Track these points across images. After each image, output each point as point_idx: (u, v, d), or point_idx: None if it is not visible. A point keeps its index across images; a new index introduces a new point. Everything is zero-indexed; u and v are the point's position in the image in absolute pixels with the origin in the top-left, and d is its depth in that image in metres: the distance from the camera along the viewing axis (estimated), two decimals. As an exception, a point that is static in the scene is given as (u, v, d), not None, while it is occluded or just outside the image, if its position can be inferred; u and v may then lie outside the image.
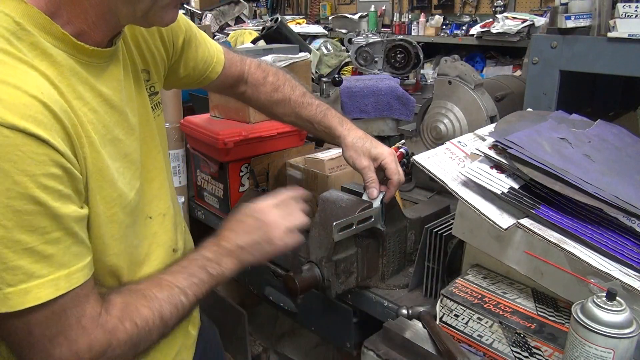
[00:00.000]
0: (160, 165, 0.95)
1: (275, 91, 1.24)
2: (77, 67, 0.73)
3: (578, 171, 0.85)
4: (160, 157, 0.96)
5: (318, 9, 6.51)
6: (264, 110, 1.30)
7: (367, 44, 2.36)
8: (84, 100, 0.74)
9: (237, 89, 1.25)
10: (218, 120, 1.72)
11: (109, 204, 0.78)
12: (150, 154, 0.93)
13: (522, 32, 4.05)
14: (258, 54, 1.66)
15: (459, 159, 0.98)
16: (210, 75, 1.15)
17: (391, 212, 1.11)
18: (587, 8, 1.29)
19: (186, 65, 1.07)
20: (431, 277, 1.06)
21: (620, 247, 0.77)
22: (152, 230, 0.92)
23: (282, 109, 1.25)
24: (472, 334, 0.85)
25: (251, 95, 1.26)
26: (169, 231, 0.97)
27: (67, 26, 0.71)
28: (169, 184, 1.00)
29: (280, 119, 1.31)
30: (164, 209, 0.95)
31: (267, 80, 1.24)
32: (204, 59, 1.12)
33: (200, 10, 5.14)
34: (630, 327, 0.65)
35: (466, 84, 1.42)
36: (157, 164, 0.94)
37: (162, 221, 0.95)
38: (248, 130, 1.57)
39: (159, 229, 0.94)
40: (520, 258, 0.86)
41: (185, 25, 1.04)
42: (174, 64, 1.05)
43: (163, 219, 0.95)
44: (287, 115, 1.26)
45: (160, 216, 0.94)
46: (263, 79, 1.24)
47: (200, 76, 1.13)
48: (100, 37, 0.76)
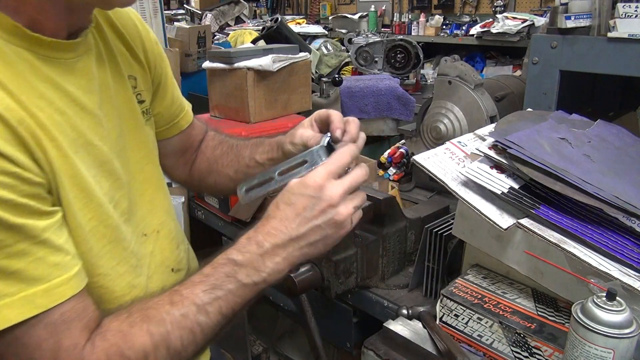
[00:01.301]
0: (150, 176, 0.87)
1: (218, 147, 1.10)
2: (36, 63, 0.66)
3: (578, 171, 0.85)
4: (150, 168, 0.88)
5: (318, 9, 6.51)
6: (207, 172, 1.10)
7: (367, 44, 2.36)
8: (47, 100, 0.66)
9: (188, 156, 1.10)
10: (218, 120, 1.72)
11: (88, 215, 0.70)
12: (138, 164, 0.84)
13: (522, 32, 4.05)
14: (258, 54, 1.66)
15: (459, 159, 0.98)
16: (180, 123, 1.03)
17: (391, 212, 1.11)
18: (587, 8, 1.29)
19: (163, 98, 0.98)
20: (431, 277, 1.06)
21: (620, 247, 0.77)
22: (148, 249, 0.84)
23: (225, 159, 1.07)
24: (472, 334, 0.85)
25: (198, 162, 1.11)
26: (165, 250, 0.87)
27: (17, 16, 0.64)
28: (164, 198, 0.91)
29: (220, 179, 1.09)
30: (157, 225, 0.87)
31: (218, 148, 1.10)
32: (178, 101, 1.03)
33: (200, 10, 5.15)
34: (630, 327, 0.65)
35: (466, 84, 1.42)
36: (147, 175, 0.86)
37: (157, 238, 0.86)
38: (248, 130, 1.58)
39: (154, 248, 0.85)
40: (520, 258, 0.86)
41: (165, 58, 0.99)
42: (155, 91, 0.96)
43: (157, 236, 0.86)
44: (230, 163, 1.06)
45: (154, 233, 0.86)
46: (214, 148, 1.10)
47: (170, 119, 1.01)
48: (53, 24, 0.68)
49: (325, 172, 0.74)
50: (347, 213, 0.73)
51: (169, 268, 0.87)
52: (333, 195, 0.72)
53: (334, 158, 0.76)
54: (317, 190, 0.72)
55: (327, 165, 0.75)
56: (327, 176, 0.73)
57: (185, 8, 5.44)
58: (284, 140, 0.93)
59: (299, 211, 0.73)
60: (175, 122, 1.02)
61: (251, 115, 1.63)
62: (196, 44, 2.42)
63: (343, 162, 0.76)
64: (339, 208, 0.73)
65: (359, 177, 0.76)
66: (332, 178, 0.74)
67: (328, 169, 0.74)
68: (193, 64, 2.42)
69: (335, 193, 0.72)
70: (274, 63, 1.63)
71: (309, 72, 1.80)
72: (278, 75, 1.69)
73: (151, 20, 2.29)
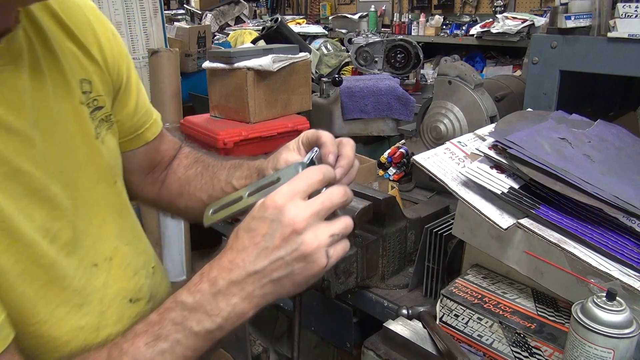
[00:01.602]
0: (102, 197, 0.76)
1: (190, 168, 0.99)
2: None
3: (578, 171, 0.85)
4: (102, 187, 0.77)
5: (318, 9, 6.51)
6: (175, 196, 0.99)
7: (367, 44, 2.36)
8: None
9: (157, 174, 0.99)
10: (218, 120, 1.72)
11: (14, 257, 0.60)
12: (87, 185, 0.73)
13: (522, 32, 4.06)
14: (258, 54, 1.66)
15: (459, 159, 0.98)
16: (146, 134, 0.91)
17: (391, 212, 1.11)
18: (587, 8, 1.29)
19: (125, 104, 0.86)
20: (431, 277, 1.06)
21: (620, 247, 0.77)
22: (100, 280, 0.73)
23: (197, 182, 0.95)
24: (472, 334, 0.85)
25: (168, 184, 0.99)
26: (120, 279, 0.77)
27: None
28: (116, 220, 0.79)
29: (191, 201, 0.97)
30: (109, 252, 0.76)
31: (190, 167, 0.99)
32: (144, 108, 0.91)
33: (200, 10, 5.16)
34: (630, 327, 0.65)
35: (466, 84, 1.42)
36: (98, 196, 0.75)
37: (109, 267, 0.75)
38: (248, 130, 1.58)
39: (107, 278, 0.74)
40: (520, 258, 0.86)
41: (127, 55, 0.87)
42: (115, 95, 0.85)
43: (110, 264, 0.76)
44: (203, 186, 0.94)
45: (106, 262, 0.75)
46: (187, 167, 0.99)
47: (134, 130, 0.89)
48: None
49: (288, 190, 0.60)
50: (317, 243, 0.58)
51: (125, 299, 0.77)
52: (296, 218, 0.58)
53: (302, 174, 0.63)
54: (276, 213, 0.59)
55: (292, 182, 0.61)
56: (290, 195, 0.60)
57: (185, 8, 5.45)
58: (265, 165, 0.81)
59: (257, 240, 0.59)
60: (140, 133, 0.91)
61: (251, 115, 1.63)
62: (196, 44, 2.42)
63: (313, 179, 0.62)
64: (305, 236, 0.58)
65: (334, 197, 0.62)
66: (298, 198, 0.60)
67: (293, 187, 0.60)
68: (193, 64, 2.43)
69: (298, 216, 0.58)
70: (274, 63, 1.63)
71: (309, 72, 1.80)
72: (278, 75, 1.69)
73: (151, 20, 2.30)
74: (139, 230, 0.88)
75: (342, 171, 0.71)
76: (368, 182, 1.49)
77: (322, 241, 0.59)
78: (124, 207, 0.84)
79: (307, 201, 0.60)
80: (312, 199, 0.61)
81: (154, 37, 2.32)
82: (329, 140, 0.72)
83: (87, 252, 0.72)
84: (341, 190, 0.63)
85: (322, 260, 0.60)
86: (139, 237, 0.87)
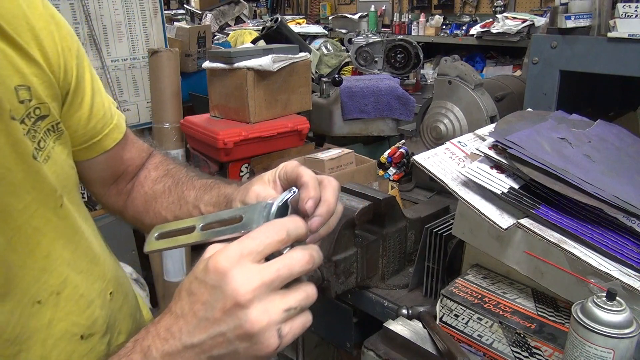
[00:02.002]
0: (44, 224, 0.66)
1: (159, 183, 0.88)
2: None
3: (578, 171, 0.85)
4: (43, 212, 0.66)
5: (318, 9, 6.51)
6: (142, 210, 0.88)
7: (367, 44, 2.36)
8: None
9: (122, 186, 0.89)
10: (218, 120, 1.72)
11: None
12: (25, 213, 0.63)
13: (522, 32, 4.06)
14: (258, 54, 1.66)
15: (459, 159, 0.98)
16: (105, 141, 0.80)
17: (391, 212, 1.11)
18: (587, 8, 1.29)
19: (77, 108, 0.75)
20: (431, 277, 1.06)
21: (620, 247, 0.77)
22: (44, 319, 0.64)
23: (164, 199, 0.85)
24: (472, 334, 0.85)
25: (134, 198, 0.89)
26: (71, 313, 0.68)
27: None
28: (66, 246, 0.69)
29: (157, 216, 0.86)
30: (57, 285, 0.66)
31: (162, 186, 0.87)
32: (101, 112, 0.79)
33: (200, 10, 5.16)
34: (630, 327, 0.65)
35: (466, 84, 1.42)
36: (39, 223, 0.65)
37: (57, 302, 0.66)
38: (248, 130, 1.58)
39: (54, 315, 0.66)
40: (520, 258, 0.86)
41: (78, 50, 0.75)
42: (65, 99, 0.73)
43: (57, 299, 0.66)
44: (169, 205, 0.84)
45: (52, 296, 0.66)
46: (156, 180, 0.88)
47: (90, 137, 0.78)
48: None
49: (237, 250, 0.50)
50: (266, 321, 0.49)
51: (76, 336, 0.68)
52: (240, 289, 0.48)
53: (261, 230, 0.52)
54: (218, 279, 0.49)
55: (243, 240, 0.51)
56: (237, 258, 0.50)
57: (185, 8, 5.45)
58: (235, 195, 0.71)
59: (197, 307, 0.50)
60: (97, 141, 0.79)
61: (251, 115, 1.63)
62: (196, 44, 2.42)
63: (272, 239, 0.51)
64: (252, 311, 0.48)
65: (294, 265, 0.51)
66: (248, 261, 0.50)
67: (243, 247, 0.50)
68: (193, 64, 2.43)
69: (244, 286, 0.48)
70: (274, 63, 1.63)
71: (309, 72, 1.80)
72: (278, 75, 1.69)
73: (151, 20, 2.30)
74: (95, 252, 0.76)
75: (319, 222, 0.59)
76: (368, 182, 1.49)
77: (273, 318, 0.49)
78: (75, 230, 0.72)
79: (259, 266, 0.50)
80: (265, 265, 0.50)
81: (154, 37, 2.32)
82: (311, 181, 0.60)
83: (27, 290, 0.62)
84: (305, 255, 0.52)
85: (272, 341, 0.49)
86: (95, 261, 0.75)
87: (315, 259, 0.53)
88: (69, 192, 0.72)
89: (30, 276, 0.63)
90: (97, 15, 2.13)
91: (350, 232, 1.05)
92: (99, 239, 0.80)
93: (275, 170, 0.67)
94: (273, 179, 0.67)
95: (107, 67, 2.19)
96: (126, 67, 2.27)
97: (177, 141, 2.10)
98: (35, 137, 0.65)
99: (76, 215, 0.73)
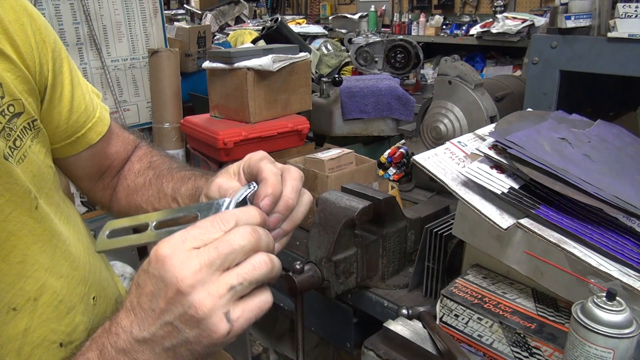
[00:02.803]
0: (20, 228, 0.63)
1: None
2: None
3: (578, 171, 0.85)
4: (17, 215, 0.63)
5: (318, 9, 6.51)
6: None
7: (367, 44, 2.36)
8: None
9: (108, 180, 0.87)
10: (218, 120, 1.72)
11: None
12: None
13: (522, 32, 4.07)
14: (258, 54, 1.66)
15: (459, 159, 0.98)
16: (88, 135, 0.78)
17: (391, 212, 1.11)
18: (587, 8, 1.29)
19: (57, 103, 0.73)
20: (431, 277, 1.06)
21: (620, 247, 0.77)
22: (19, 326, 0.62)
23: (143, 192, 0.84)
24: (472, 334, 0.85)
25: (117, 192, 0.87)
26: (50, 320, 0.66)
27: None
28: (43, 250, 0.66)
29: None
30: (34, 291, 0.64)
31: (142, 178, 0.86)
32: (82, 106, 0.77)
33: (200, 10, 5.16)
34: (630, 327, 0.65)
35: (466, 84, 1.42)
36: (14, 227, 0.62)
37: (34, 309, 0.64)
38: (248, 130, 1.57)
39: (30, 322, 0.63)
40: (520, 258, 0.86)
41: (54, 42, 0.73)
42: (43, 95, 0.71)
43: (34, 305, 0.64)
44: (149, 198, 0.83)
45: (29, 303, 0.63)
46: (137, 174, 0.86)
47: (72, 132, 0.76)
48: None
49: (180, 237, 0.49)
50: (208, 305, 0.47)
51: (55, 344, 0.66)
52: (179, 273, 0.47)
53: (207, 219, 0.51)
54: (158, 267, 0.48)
55: (189, 228, 0.50)
56: (179, 244, 0.49)
57: (185, 8, 5.46)
58: (203, 188, 0.69)
59: (143, 300, 0.50)
60: (81, 136, 0.77)
61: (251, 115, 1.63)
62: (196, 44, 2.42)
63: (219, 227, 0.50)
64: (193, 296, 0.47)
65: (235, 240, 0.49)
66: (190, 247, 0.49)
67: (186, 234, 0.49)
68: (193, 64, 2.43)
69: (183, 270, 0.47)
70: (274, 63, 1.63)
71: (309, 72, 1.80)
72: (278, 75, 1.69)
73: (151, 20, 2.30)
74: (75, 255, 0.73)
75: (277, 219, 0.58)
76: (368, 182, 1.49)
77: (217, 301, 0.47)
78: (52, 233, 0.69)
79: (198, 250, 0.48)
80: (204, 247, 0.49)
81: (154, 37, 2.32)
82: (270, 177, 0.58)
83: (1, 297, 0.60)
84: (246, 231, 0.50)
85: (221, 326, 0.47)
86: (76, 265, 0.72)
87: (262, 235, 0.51)
88: (45, 194, 0.69)
89: (5, 282, 0.61)
90: (97, 15, 2.13)
91: (350, 232, 1.05)
92: (83, 241, 0.78)
93: (241, 162, 0.65)
94: (238, 171, 0.65)
95: (107, 67, 2.19)
96: (126, 67, 2.27)
97: (177, 141, 2.10)
98: (10, 136, 0.62)
99: (54, 217, 0.70)
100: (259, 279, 0.50)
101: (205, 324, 0.47)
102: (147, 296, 0.49)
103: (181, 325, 0.48)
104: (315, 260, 1.05)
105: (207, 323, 0.47)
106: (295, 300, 1.04)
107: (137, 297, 0.50)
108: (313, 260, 1.06)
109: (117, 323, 0.51)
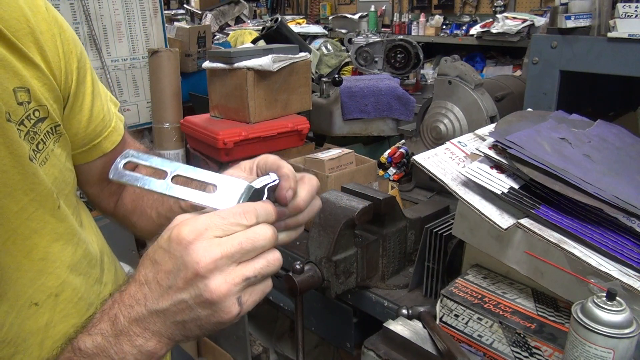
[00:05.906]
0: (42, 226, 0.66)
1: None
2: None
3: (578, 171, 0.85)
4: (41, 214, 0.66)
5: (318, 9, 6.51)
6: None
7: (367, 44, 2.36)
8: None
9: (115, 187, 0.89)
10: (218, 120, 1.72)
11: None
12: (22, 215, 0.63)
13: (522, 32, 4.06)
14: (258, 54, 1.66)
15: (459, 159, 0.98)
16: (103, 144, 0.80)
17: (391, 212, 1.11)
18: (587, 8, 1.29)
19: (77, 112, 0.76)
20: (431, 277, 1.06)
21: (620, 247, 0.77)
22: (41, 320, 0.65)
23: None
24: (472, 334, 0.85)
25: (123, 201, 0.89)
26: (70, 316, 0.68)
27: None
28: (64, 248, 0.70)
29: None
30: (55, 287, 0.67)
31: None
32: (100, 116, 0.79)
33: (200, 10, 5.16)
34: (630, 327, 0.65)
35: (466, 84, 1.42)
36: (36, 225, 0.65)
37: (55, 304, 0.66)
38: (248, 130, 1.58)
39: (52, 317, 0.66)
40: (520, 258, 0.86)
41: (80, 54, 0.75)
42: (66, 102, 0.73)
43: (56, 300, 0.67)
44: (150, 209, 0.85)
45: (50, 298, 0.66)
46: None
47: (89, 140, 0.79)
48: None
49: (202, 223, 0.52)
50: (225, 290, 0.51)
51: None
52: (201, 260, 0.51)
53: (230, 211, 0.54)
54: (181, 250, 0.52)
55: (213, 215, 0.53)
56: (201, 231, 0.52)
57: (185, 8, 5.46)
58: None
59: (160, 276, 0.53)
60: (96, 144, 0.80)
61: (251, 115, 1.63)
62: (196, 44, 2.42)
63: (240, 222, 0.53)
64: (211, 281, 0.51)
65: (257, 239, 0.53)
66: (212, 235, 0.52)
67: (210, 222, 0.53)
68: (193, 64, 2.43)
69: (205, 258, 0.51)
70: (274, 63, 1.63)
71: (309, 72, 1.80)
72: (278, 75, 1.69)
73: (151, 20, 2.30)
74: (94, 254, 0.77)
75: (282, 214, 0.62)
76: (368, 182, 1.49)
77: (233, 288, 0.52)
78: (73, 232, 0.72)
79: (220, 239, 0.52)
80: (228, 237, 0.52)
81: (154, 37, 2.32)
82: (290, 174, 0.62)
83: (23, 292, 0.63)
84: (269, 230, 0.54)
85: (232, 309, 0.52)
86: (94, 263, 0.76)
87: (276, 235, 0.56)
88: (65, 195, 0.72)
89: (26, 278, 0.64)
90: (97, 15, 2.13)
91: (350, 232, 1.05)
92: (97, 242, 0.81)
93: (254, 160, 0.68)
94: (250, 168, 0.68)
95: (107, 67, 2.19)
96: (126, 67, 2.27)
97: (177, 141, 2.10)
98: (34, 139, 0.65)
99: (73, 218, 0.73)
100: (270, 273, 0.56)
101: (218, 307, 0.52)
102: (166, 273, 0.53)
103: (195, 305, 0.52)
104: (316, 260, 1.05)
105: (220, 306, 0.52)
106: (296, 300, 1.04)
107: (153, 273, 0.54)
108: (313, 260, 1.06)
109: (131, 295, 0.54)
